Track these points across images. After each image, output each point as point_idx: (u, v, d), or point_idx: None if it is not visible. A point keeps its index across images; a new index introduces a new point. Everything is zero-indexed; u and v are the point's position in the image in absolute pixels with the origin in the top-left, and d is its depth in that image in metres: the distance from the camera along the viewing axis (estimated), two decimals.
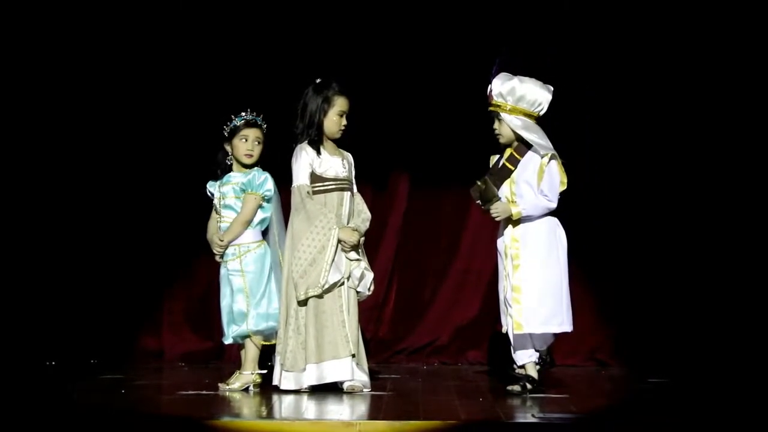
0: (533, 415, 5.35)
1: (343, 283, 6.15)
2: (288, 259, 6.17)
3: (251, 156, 6.35)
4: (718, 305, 7.52)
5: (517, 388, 6.10)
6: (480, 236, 7.89)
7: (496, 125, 6.22)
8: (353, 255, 6.18)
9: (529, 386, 6.10)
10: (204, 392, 6.15)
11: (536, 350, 6.17)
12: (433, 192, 7.93)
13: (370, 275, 6.24)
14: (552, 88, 6.18)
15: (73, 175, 7.74)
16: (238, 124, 6.36)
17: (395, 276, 7.93)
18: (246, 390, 6.22)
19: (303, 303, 6.11)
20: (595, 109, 7.24)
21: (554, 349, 6.31)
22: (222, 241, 6.31)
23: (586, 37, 7.59)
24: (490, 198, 6.13)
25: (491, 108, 6.20)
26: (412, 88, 7.79)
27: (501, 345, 7.71)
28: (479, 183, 6.15)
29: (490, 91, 6.19)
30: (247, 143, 6.35)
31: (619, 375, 7.32)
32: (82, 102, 7.75)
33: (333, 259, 6.10)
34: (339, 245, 6.13)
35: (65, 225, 7.72)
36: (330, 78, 6.27)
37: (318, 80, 6.27)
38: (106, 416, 5.35)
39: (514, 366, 6.15)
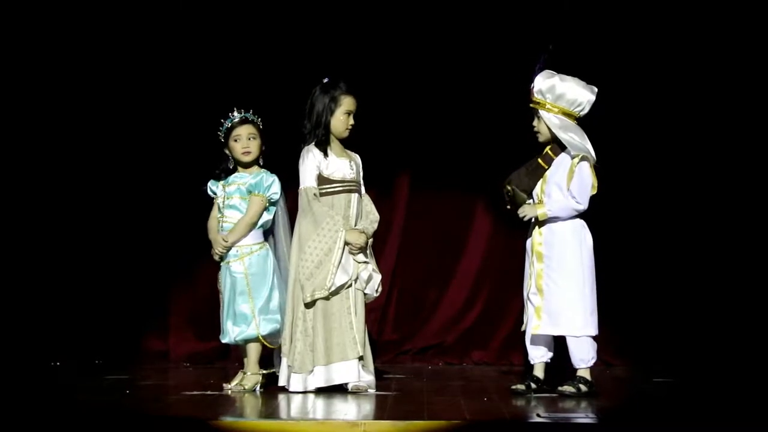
0: (538, 415, 5.35)
1: (350, 285, 6.15)
2: (295, 261, 6.17)
3: (248, 153, 6.35)
4: (723, 305, 7.52)
5: (521, 387, 6.10)
6: (484, 237, 7.89)
7: (535, 122, 6.16)
8: (361, 257, 6.18)
9: (534, 386, 6.10)
10: (209, 392, 6.15)
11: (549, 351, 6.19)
12: (437, 193, 7.92)
13: (377, 277, 6.24)
14: (596, 89, 6.12)
15: (79, 177, 7.75)
16: (229, 125, 6.37)
17: (400, 276, 7.92)
18: (253, 390, 6.23)
19: (310, 305, 6.11)
20: (593, 108, 7.20)
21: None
22: (226, 241, 6.32)
23: (585, 38, 7.58)
24: (519, 202, 6.12)
25: (531, 104, 6.15)
26: (417, 89, 7.78)
27: (505, 345, 7.77)
28: (508, 188, 6.13)
29: (532, 87, 6.13)
30: (241, 141, 6.36)
31: (624, 375, 7.33)
32: (88, 104, 7.75)
33: (340, 262, 6.09)
34: (346, 247, 6.13)
35: (71, 226, 7.72)
36: (337, 78, 6.27)
37: (325, 80, 6.27)
38: (110, 416, 5.36)
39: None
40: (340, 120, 6.24)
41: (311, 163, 6.19)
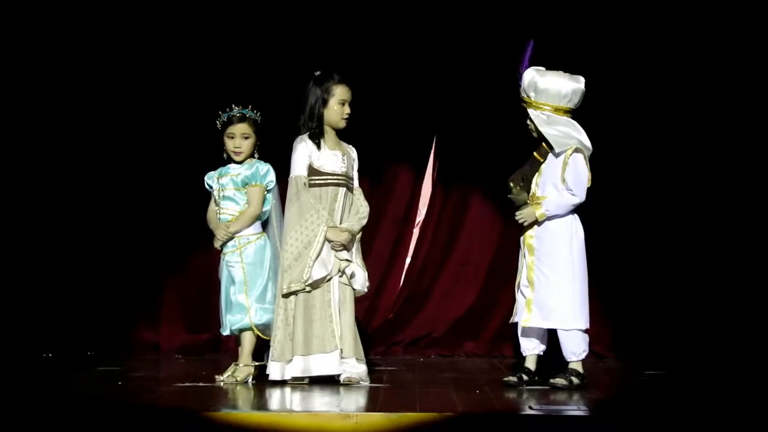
0: (530, 407, 5.35)
1: (330, 279, 6.14)
2: (281, 250, 6.18)
3: (239, 153, 6.35)
4: (715, 298, 7.54)
5: (513, 379, 6.10)
6: (478, 229, 7.90)
7: (528, 120, 6.13)
8: (343, 254, 6.16)
9: (526, 378, 6.10)
10: (201, 384, 6.15)
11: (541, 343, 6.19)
12: (433, 183, 7.93)
13: (362, 273, 6.21)
14: (583, 79, 6.06)
15: (71, 169, 7.74)
16: (224, 120, 6.36)
17: (392, 268, 7.92)
18: (245, 382, 6.23)
19: (288, 295, 6.10)
20: (590, 107, 7.25)
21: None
22: (229, 228, 6.30)
23: (583, 37, 7.58)
24: (520, 204, 6.10)
25: (522, 103, 6.11)
26: (416, 79, 7.80)
27: (497, 337, 7.78)
28: (509, 195, 6.12)
29: (520, 85, 6.10)
30: (234, 140, 6.35)
31: (616, 367, 7.34)
32: (78, 96, 7.74)
33: (318, 256, 6.08)
34: (329, 243, 6.11)
35: (63, 218, 7.72)
36: (330, 69, 6.26)
37: (317, 73, 6.26)
38: (102, 408, 5.35)
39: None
40: (335, 110, 6.23)
41: (303, 152, 6.19)
